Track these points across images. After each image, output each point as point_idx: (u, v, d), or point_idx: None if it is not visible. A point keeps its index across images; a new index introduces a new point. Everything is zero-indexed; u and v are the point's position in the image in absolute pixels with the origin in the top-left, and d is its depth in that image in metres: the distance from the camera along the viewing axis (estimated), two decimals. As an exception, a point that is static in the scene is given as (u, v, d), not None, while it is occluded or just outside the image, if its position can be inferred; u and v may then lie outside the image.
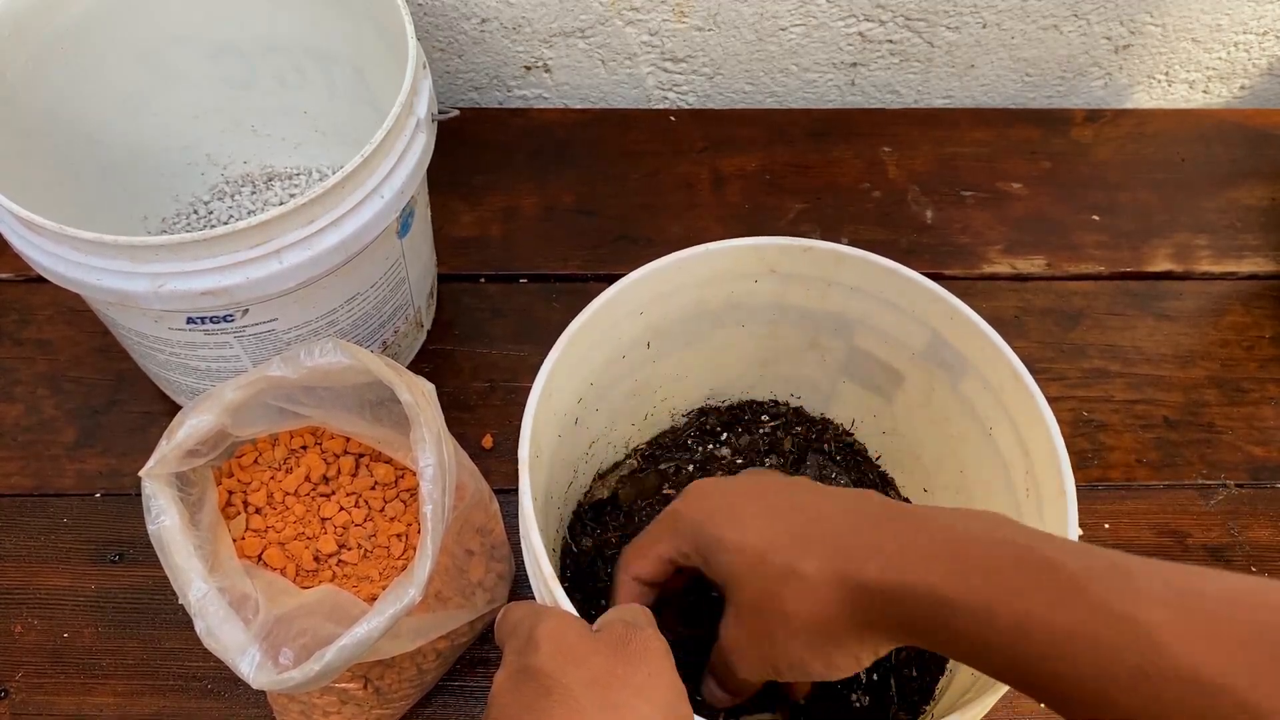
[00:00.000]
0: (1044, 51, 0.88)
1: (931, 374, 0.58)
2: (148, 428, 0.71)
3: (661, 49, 0.86)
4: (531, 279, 0.78)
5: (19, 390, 0.72)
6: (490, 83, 0.89)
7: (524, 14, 0.83)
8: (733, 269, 0.57)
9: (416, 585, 0.46)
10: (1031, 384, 0.51)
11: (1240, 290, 0.79)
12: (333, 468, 0.55)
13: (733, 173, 0.84)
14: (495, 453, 0.70)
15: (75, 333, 0.74)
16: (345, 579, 0.52)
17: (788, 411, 0.67)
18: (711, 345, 0.62)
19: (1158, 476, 0.70)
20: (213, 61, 0.72)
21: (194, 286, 0.53)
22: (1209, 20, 0.85)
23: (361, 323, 0.64)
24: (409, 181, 0.58)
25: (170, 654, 0.62)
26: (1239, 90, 0.92)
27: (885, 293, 0.57)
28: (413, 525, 0.54)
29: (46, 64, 0.64)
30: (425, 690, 0.59)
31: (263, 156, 0.80)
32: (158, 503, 0.48)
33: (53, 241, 0.53)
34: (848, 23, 0.84)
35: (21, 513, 0.67)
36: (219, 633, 0.46)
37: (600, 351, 0.57)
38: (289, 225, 0.53)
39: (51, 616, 0.63)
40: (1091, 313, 0.78)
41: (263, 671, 0.45)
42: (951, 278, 0.79)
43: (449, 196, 0.81)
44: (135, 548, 0.66)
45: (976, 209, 0.83)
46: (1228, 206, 0.84)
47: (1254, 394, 0.74)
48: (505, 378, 0.73)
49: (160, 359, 0.62)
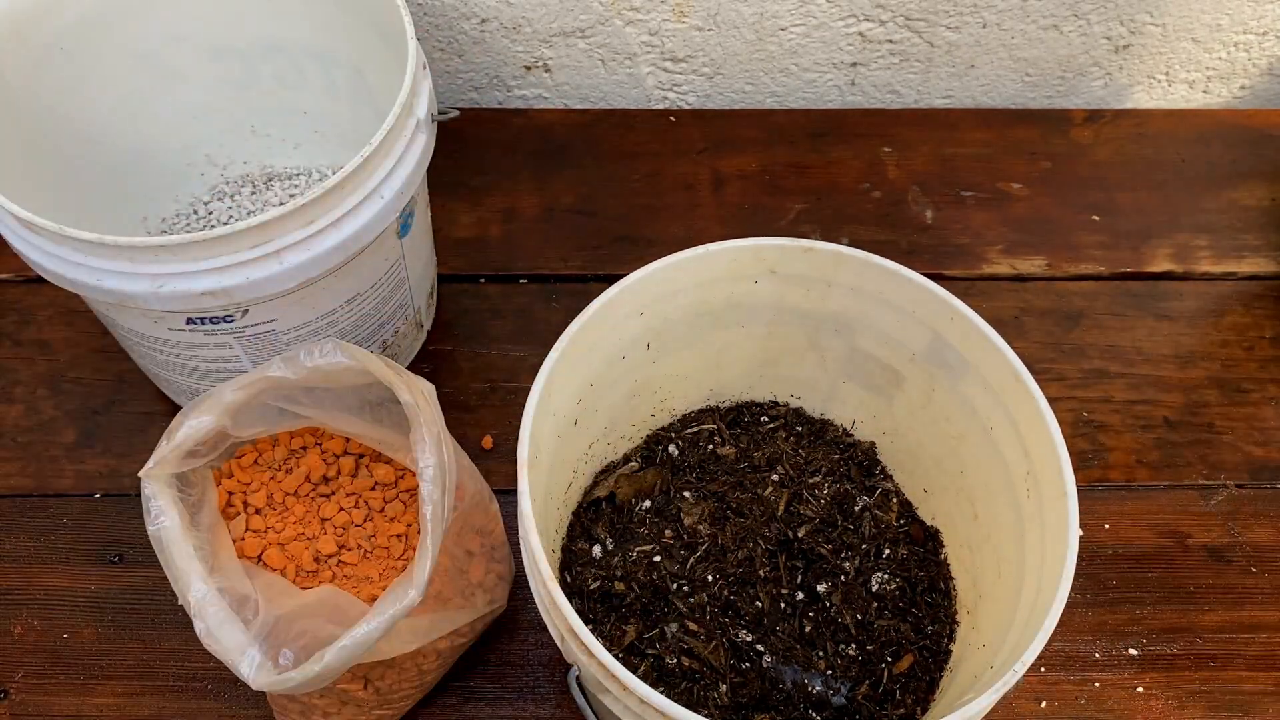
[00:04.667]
0: (1044, 51, 0.88)
1: (932, 374, 0.58)
2: (147, 428, 0.71)
3: (661, 49, 0.86)
4: (531, 279, 0.78)
5: (19, 391, 0.72)
6: (490, 83, 0.89)
7: (524, 14, 0.83)
8: (733, 270, 0.57)
9: (416, 586, 0.46)
10: (1032, 384, 0.51)
11: (1240, 290, 0.79)
12: (333, 468, 0.55)
13: (733, 173, 0.84)
14: (495, 453, 0.70)
15: (75, 333, 0.74)
16: (345, 579, 0.52)
17: (788, 412, 0.67)
18: (711, 346, 0.62)
19: (1158, 477, 0.70)
20: (213, 61, 0.72)
21: (194, 287, 0.53)
22: (1209, 20, 0.85)
23: (361, 323, 0.64)
24: (409, 182, 0.58)
25: (170, 654, 0.62)
26: (1239, 90, 0.92)
27: (885, 293, 0.57)
28: (413, 526, 0.54)
29: (46, 64, 0.64)
30: (425, 690, 0.59)
31: (262, 157, 0.80)
32: (157, 504, 0.48)
33: (53, 242, 0.53)
34: (848, 23, 0.84)
35: (21, 513, 0.67)
36: (219, 633, 0.46)
37: (600, 352, 0.57)
38: (289, 226, 0.53)
39: (51, 617, 0.63)
40: (1091, 313, 0.78)
41: (262, 672, 0.45)
42: (951, 278, 0.79)
43: (449, 196, 0.81)
44: (135, 548, 0.66)
45: (976, 209, 0.83)
46: (1228, 206, 0.84)
47: (1254, 394, 0.74)
48: (505, 378, 0.73)
49: (160, 359, 0.62)
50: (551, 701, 0.61)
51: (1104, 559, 0.67)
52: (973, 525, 0.58)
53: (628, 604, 0.58)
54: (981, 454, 0.56)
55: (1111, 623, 0.65)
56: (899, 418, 0.62)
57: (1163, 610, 0.65)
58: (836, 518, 0.61)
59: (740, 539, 0.59)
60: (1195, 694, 0.62)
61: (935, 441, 0.60)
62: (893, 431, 0.63)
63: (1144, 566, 0.67)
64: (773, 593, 0.58)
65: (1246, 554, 0.67)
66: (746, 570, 0.58)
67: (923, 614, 0.59)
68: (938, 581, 0.60)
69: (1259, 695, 0.62)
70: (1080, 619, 0.65)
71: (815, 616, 0.58)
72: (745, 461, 0.64)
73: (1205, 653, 0.64)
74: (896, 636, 0.58)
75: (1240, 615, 0.65)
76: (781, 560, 0.59)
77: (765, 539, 0.59)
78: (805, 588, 0.59)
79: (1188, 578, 0.66)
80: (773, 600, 0.58)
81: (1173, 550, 0.67)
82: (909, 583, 0.60)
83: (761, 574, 0.59)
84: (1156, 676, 0.63)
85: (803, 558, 0.60)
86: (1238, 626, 0.65)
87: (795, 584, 0.59)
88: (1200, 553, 0.67)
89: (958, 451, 0.59)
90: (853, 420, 0.65)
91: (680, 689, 0.56)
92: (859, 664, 0.57)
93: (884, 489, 0.63)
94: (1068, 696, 0.62)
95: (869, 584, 0.59)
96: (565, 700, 0.61)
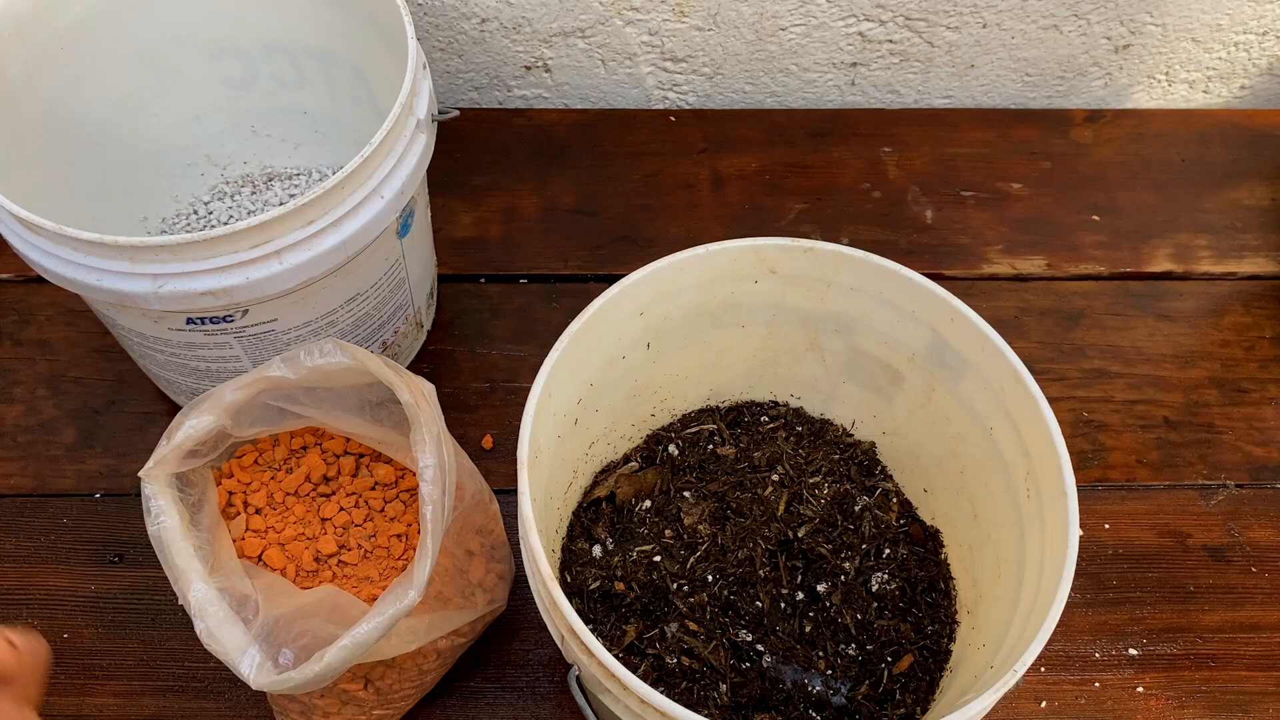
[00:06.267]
0: (1044, 51, 0.88)
1: (932, 374, 0.58)
2: (147, 428, 0.71)
3: (661, 49, 0.86)
4: (531, 279, 0.78)
5: (19, 390, 0.72)
6: (490, 83, 0.89)
7: (524, 14, 0.83)
8: (733, 270, 0.57)
9: (416, 587, 0.46)
10: (1032, 384, 0.51)
11: (1240, 290, 0.79)
12: (333, 468, 0.55)
13: (733, 173, 0.84)
14: (495, 453, 0.70)
15: (75, 333, 0.74)
16: (345, 579, 0.52)
17: (788, 412, 0.67)
18: (711, 346, 0.62)
19: (1158, 477, 0.70)
20: (213, 61, 0.72)
21: (194, 287, 0.53)
22: (1209, 20, 0.85)
23: (361, 323, 0.64)
24: (409, 182, 0.58)
25: (170, 654, 0.62)
26: (1239, 90, 0.92)
27: (885, 293, 0.57)
28: (413, 526, 0.54)
29: (46, 64, 0.64)
30: (425, 690, 0.59)
31: (262, 157, 0.80)
32: (157, 503, 0.48)
33: (53, 242, 0.53)
34: (848, 23, 0.84)
35: (21, 513, 0.67)
36: (219, 633, 0.46)
37: (600, 352, 0.57)
38: (289, 225, 0.53)
39: (51, 617, 0.63)
40: (1091, 313, 0.78)
41: (262, 672, 0.45)
42: (951, 278, 0.79)
43: (449, 196, 0.81)
44: (135, 548, 0.66)
45: (976, 209, 0.83)
46: (1228, 206, 0.84)
47: (1254, 394, 0.74)
48: (505, 378, 0.73)
49: (160, 359, 0.62)
50: (551, 701, 0.61)
51: (1104, 559, 0.67)
52: (973, 525, 0.58)
53: (628, 604, 0.58)
54: (981, 454, 0.56)
55: (1111, 623, 0.65)
56: (899, 418, 0.62)
57: (1163, 610, 0.65)
58: (836, 518, 0.61)
59: (740, 539, 0.59)
60: (1195, 694, 0.62)
61: (935, 441, 0.60)
62: (893, 431, 0.63)
63: (1144, 566, 0.67)
64: (773, 593, 0.58)
65: (1246, 554, 0.67)
66: (746, 570, 0.58)
67: (923, 614, 0.59)
68: (938, 581, 0.60)
69: (1259, 695, 0.62)
70: (1080, 619, 0.65)
71: (815, 616, 0.58)
72: (745, 461, 0.64)
73: (1205, 653, 0.64)
74: (896, 636, 0.58)
75: (1240, 615, 0.65)
76: (781, 560, 0.59)
77: (765, 539, 0.59)
78: (805, 588, 0.59)
79: (1188, 578, 0.66)
80: (773, 600, 0.58)
81: (1173, 550, 0.67)
82: (909, 583, 0.60)
83: (761, 574, 0.59)
84: (1156, 676, 0.63)
85: (803, 558, 0.60)
86: (1238, 626, 0.65)
87: (795, 584, 0.59)
88: (1200, 553, 0.67)
89: (958, 451, 0.59)
90: (853, 420, 0.65)
91: (680, 689, 0.56)
92: (859, 664, 0.57)
93: (884, 489, 0.63)
94: (1068, 696, 0.62)
95: (869, 584, 0.59)
96: (565, 700, 0.61)
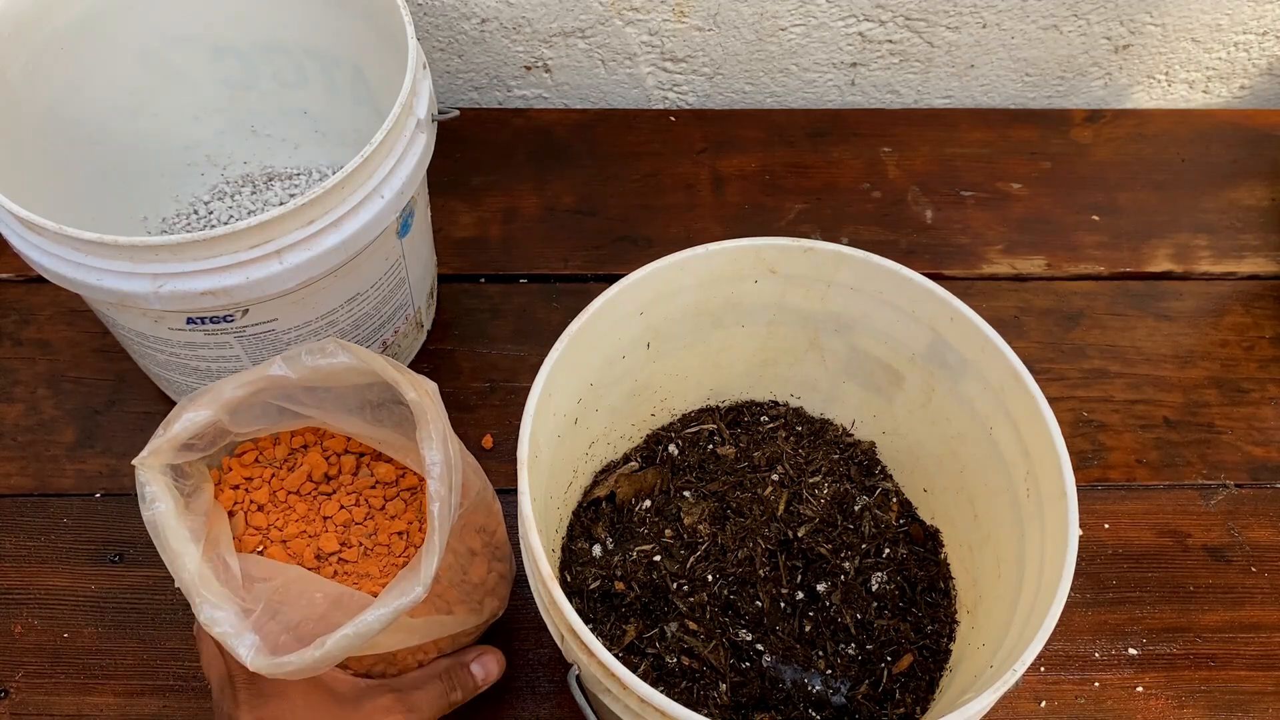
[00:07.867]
0: (1044, 51, 0.88)
1: (931, 374, 0.58)
2: (148, 428, 0.70)
3: (661, 49, 0.86)
4: (531, 279, 0.78)
5: (19, 390, 0.72)
6: (490, 83, 0.89)
7: (524, 14, 0.83)
8: (732, 270, 0.57)
9: (422, 582, 0.45)
10: (1031, 384, 0.51)
11: (1240, 290, 0.79)
12: (334, 467, 0.54)
13: (732, 173, 0.84)
14: (495, 453, 0.70)
15: (75, 333, 0.74)
16: (346, 576, 0.52)
17: (788, 411, 0.67)
18: (711, 345, 0.62)
19: (1158, 477, 0.70)
20: (213, 61, 0.72)
21: (194, 287, 0.53)
22: (1209, 20, 0.85)
23: (361, 323, 0.64)
24: (409, 182, 0.58)
25: (170, 654, 0.62)
26: (1239, 90, 0.92)
27: (885, 293, 0.57)
28: (414, 524, 0.54)
29: (46, 64, 0.64)
30: (425, 690, 0.58)
31: (263, 157, 0.80)
32: (151, 489, 0.47)
33: (53, 241, 0.53)
34: (848, 23, 0.84)
35: (21, 513, 0.67)
36: (216, 613, 0.45)
37: (600, 352, 0.57)
38: (289, 225, 0.53)
39: (51, 616, 0.63)
40: (1091, 313, 0.78)
41: (260, 655, 0.45)
42: (951, 278, 0.79)
43: (449, 196, 0.81)
44: (135, 548, 0.66)
45: (976, 209, 0.83)
46: (1228, 206, 0.84)
47: (1254, 394, 0.74)
48: (505, 378, 0.73)
49: (160, 359, 0.62)
50: (551, 701, 0.61)
51: (1104, 559, 0.67)
52: (973, 525, 0.58)
53: (628, 603, 0.58)
54: (981, 454, 0.56)
55: (1111, 622, 0.65)
56: (899, 418, 0.62)
57: (1163, 610, 0.65)
58: (836, 517, 0.61)
59: (740, 539, 0.59)
60: (1195, 694, 0.62)
61: (935, 441, 0.60)
62: (893, 431, 0.63)
63: (1144, 566, 0.67)
64: (773, 592, 0.58)
65: (1246, 554, 0.67)
66: (746, 570, 0.58)
67: (922, 614, 0.59)
68: (937, 581, 0.60)
69: (1259, 695, 0.62)
70: (1080, 619, 0.65)
71: (815, 616, 0.58)
72: (745, 461, 0.64)
73: (1205, 652, 0.64)
74: (896, 636, 0.58)
75: (1240, 615, 0.65)
76: (781, 560, 0.59)
77: (765, 539, 0.59)
78: (805, 587, 0.59)
79: (1188, 578, 0.66)
80: (772, 600, 0.58)
81: (1173, 550, 0.67)
82: (909, 582, 0.60)
83: (761, 574, 0.59)
84: (1156, 676, 0.63)
85: (802, 557, 0.60)
86: (1238, 626, 0.65)
87: (795, 584, 0.59)
88: (1200, 552, 0.67)
89: (958, 451, 0.59)
90: (853, 420, 0.65)
91: (680, 688, 0.56)
92: (859, 663, 0.57)
93: (884, 489, 0.63)
94: (1067, 696, 0.62)
95: (869, 584, 0.59)
96: (565, 700, 0.61)
